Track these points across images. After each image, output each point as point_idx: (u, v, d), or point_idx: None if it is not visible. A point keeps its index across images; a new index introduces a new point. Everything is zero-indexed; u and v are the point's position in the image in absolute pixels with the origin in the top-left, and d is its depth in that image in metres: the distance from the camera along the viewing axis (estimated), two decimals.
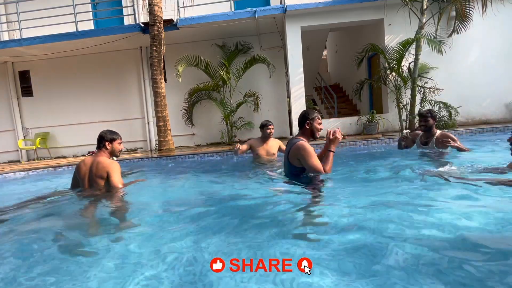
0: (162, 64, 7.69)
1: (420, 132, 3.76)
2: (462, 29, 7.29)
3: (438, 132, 3.55)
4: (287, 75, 8.72)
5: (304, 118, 2.63)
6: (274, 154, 4.31)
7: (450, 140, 3.32)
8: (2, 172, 5.77)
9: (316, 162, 2.45)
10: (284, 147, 4.22)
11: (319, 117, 2.66)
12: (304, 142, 2.52)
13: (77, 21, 8.11)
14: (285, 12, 7.53)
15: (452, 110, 6.96)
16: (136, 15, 8.18)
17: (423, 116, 3.49)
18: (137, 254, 1.51)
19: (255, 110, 8.53)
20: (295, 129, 7.72)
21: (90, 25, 9.26)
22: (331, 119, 8.41)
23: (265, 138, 4.30)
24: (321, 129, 2.66)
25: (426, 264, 1.17)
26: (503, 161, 2.57)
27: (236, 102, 8.43)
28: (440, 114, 7.03)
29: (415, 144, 3.83)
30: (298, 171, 2.59)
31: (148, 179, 3.97)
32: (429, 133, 3.55)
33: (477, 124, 7.63)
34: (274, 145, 4.35)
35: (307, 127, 2.61)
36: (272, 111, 9.02)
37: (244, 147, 4.22)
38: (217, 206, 2.31)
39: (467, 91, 7.71)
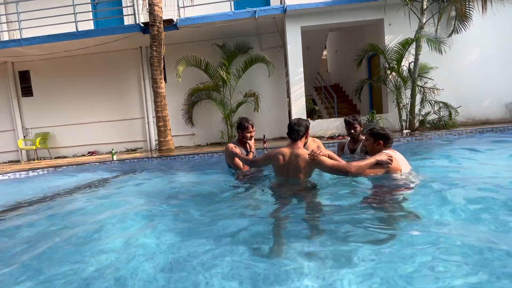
0: (162, 64, 7.69)
1: (345, 139, 3.59)
2: (462, 29, 7.29)
3: (362, 137, 3.37)
4: (287, 75, 8.71)
5: (238, 127, 3.41)
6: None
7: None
8: (2, 172, 5.77)
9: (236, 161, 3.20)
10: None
11: (250, 127, 3.35)
12: (231, 144, 3.27)
13: (77, 21, 8.10)
14: (285, 12, 7.53)
15: (452, 110, 6.96)
16: (136, 15, 8.18)
17: (349, 123, 3.36)
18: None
19: (255, 110, 8.53)
20: None
21: (90, 25, 9.26)
22: (331, 119, 8.41)
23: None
24: (250, 137, 3.42)
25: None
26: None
27: (236, 102, 8.42)
28: (440, 114, 7.03)
29: (343, 152, 3.62)
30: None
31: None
32: (357, 139, 3.43)
33: (477, 124, 7.63)
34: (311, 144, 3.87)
35: (239, 135, 3.36)
36: (272, 111, 9.02)
37: None
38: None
39: (467, 91, 7.71)
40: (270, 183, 2.77)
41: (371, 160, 2.31)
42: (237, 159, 3.21)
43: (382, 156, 2.33)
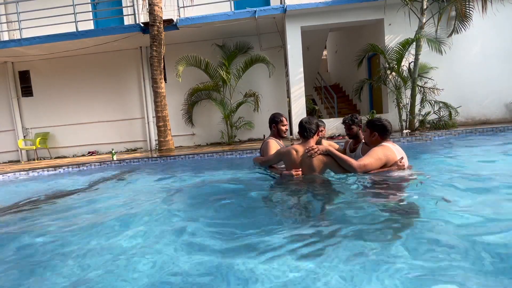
0: (162, 64, 7.69)
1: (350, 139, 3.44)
2: (462, 29, 7.30)
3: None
4: (287, 75, 8.72)
5: (271, 122, 3.24)
6: None
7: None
8: (2, 172, 5.77)
9: (269, 153, 2.98)
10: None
11: (284, 119, 3.22)
12: (270, 140, 3.12)
13: (77, 21, 8.10)
14: (285, 12, 7.53)
15: (452, 110, 6.97)
16: (136, 15, 8.18)
17: (345, 123, 3.21)
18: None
19: (255, 110, 8.53)
20: (295, 128, 7.73)
21: (90, 25, 9.26)
22: (331, 119, 8.41)
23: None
24: (286, 130, 3.23)
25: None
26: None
27: (236, 102, 8.43)
28: (440, 114, 7.03)
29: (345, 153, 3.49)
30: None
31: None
32: (358, 140, 3.25)
33: (477, 124, 7.63)
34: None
35: (274, 129, 3.20)
36: (272, 111, 8.91)
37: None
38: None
39: (467, 91, 7.71)
40: (280, 181, 2.74)
41: (377, 163, 2.37)
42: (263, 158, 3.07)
43: (393, 167, 2.40)
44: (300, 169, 2.55)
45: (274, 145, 3.05)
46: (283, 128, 3.20)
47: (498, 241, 1.33)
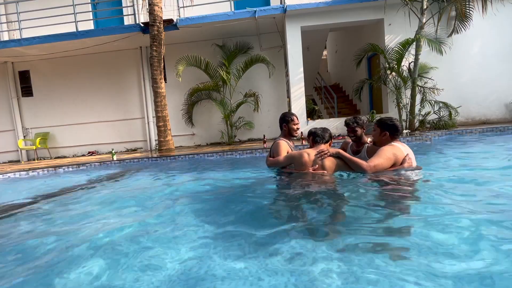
0: (162, 64, 7.69)
1: (346, 139, 3.37)
2: (462, 29, 7.29)
3: (369, 140, 3.14)
4: (287, 75, 8.72)
5: (281, 121, 3.15)
6: None
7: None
8: (2, 172, 5.77)
9: (279, 154, 2.94)
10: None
11: (295, 118, 3.13)
12: (281, 141, 3.05)
13: (77, 21, 8.11)
14: (285, 12, 7.53)
15: (452, 110, 6.97)
16: (136, 15, 8.18)
17: (349, 126, 3.07)
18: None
19: (255, 110, 8.54)
20: None
21: (90, 25, 9.26)
22: (331, 119, 8.41)
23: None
24: (297, 129, 3.13)
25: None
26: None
27: (236, 102, 8.43)
28: (440, 114, 7.04)
29: None
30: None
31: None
32: (361, 142, 3.15)
33: (477, 124, 7.63)
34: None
35: (285, 129, 3.13)
36: (272, 111, 9.01)
37: None
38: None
39: (467, 91, 7.72)
40: (290, 179, 2.73)
41: (387, 162, 2.40)
42: (274, 159, 3.01)
43: (404, 164, 2.42)
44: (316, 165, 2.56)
45: (285, 146, 3.01)
46: (294, 127, 3.13)
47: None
